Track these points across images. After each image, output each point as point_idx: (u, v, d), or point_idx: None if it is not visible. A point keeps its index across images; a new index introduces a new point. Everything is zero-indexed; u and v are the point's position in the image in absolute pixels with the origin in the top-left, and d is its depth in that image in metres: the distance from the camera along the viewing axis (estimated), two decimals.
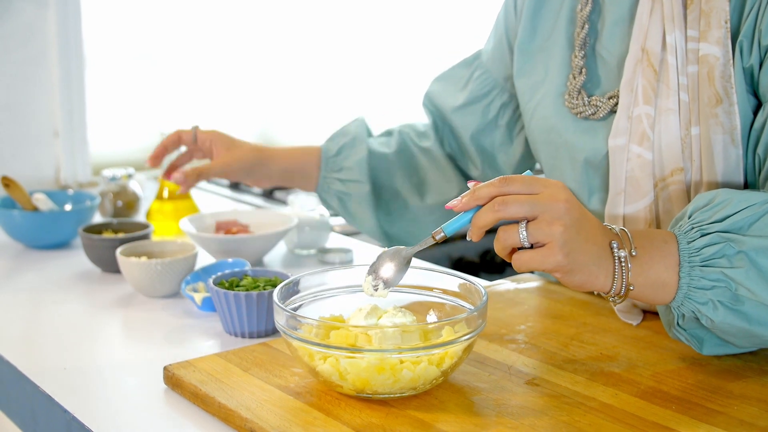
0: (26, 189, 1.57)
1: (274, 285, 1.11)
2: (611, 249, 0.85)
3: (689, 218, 0.89)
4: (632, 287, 0.86)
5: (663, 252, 0.87)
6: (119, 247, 1.29)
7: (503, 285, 1.22)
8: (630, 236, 0.86)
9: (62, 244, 1.54)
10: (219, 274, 1.13)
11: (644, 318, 1.08)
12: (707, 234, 0.86)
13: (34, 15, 1.92)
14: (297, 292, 0.97)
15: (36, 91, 1.95)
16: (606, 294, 0.87)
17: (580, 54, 1.12)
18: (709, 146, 0.98)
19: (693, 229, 0.87)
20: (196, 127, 1.40)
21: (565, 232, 0.81)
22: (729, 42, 0.97)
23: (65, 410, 0.91)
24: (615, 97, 1.08)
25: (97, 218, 1.69)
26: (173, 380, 0.93)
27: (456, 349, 0.86)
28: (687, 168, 1.00)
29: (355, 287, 1.00)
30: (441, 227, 0.86)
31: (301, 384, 0.90)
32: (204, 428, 0.86)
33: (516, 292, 1.19)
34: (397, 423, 0.82)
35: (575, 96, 1.12)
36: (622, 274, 0.85)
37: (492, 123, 1.32)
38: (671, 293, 0.87)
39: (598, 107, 1.09)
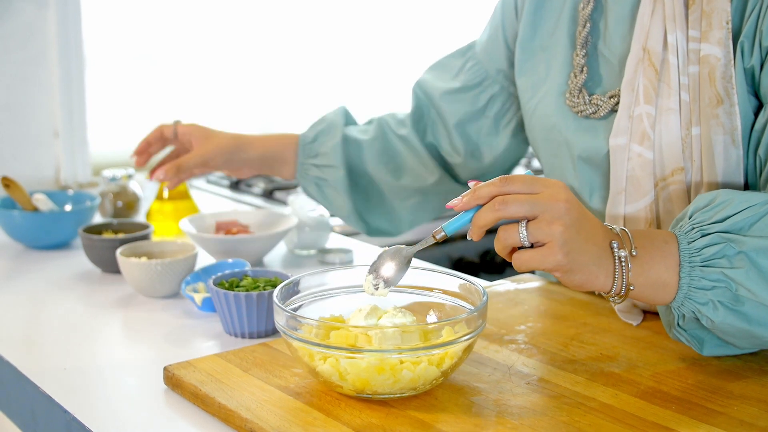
0: (26, 189, 1.56)
1: (274, 285, 1.11)
2: (611, 249, 0.86)
3: (690, 218, 0.89)
4: (632, 287, 0.86)
5: (663, 252, 0.87)
6: (119, 248, 1.29)
7: (503, 285, 1.22)
8: (630, 236, 0.86)
9: (62, 245, 1.54)
10: (219, 275, 1.13)
11: (644, 318, 1.08)
12: (708, 234, 0.86)
13: (34, 15, 1.92)
14: (297, 293, 0.97)
15: (36, 92, 1.95)
16: (606, 294, 0.87)
17: (582, 53, 1.12)
18: (710, 147, 0.98)
19: (693, 230, 0.87)
20: (177, 122, 1.41)
21: (565, 232, 0.81)
22: (730, 43, 0.97)
23: (65, 410, 0.91)
24: (616, 96, 1.08)
25: (97, 219, 1.69)
26: (173, 380, 0.93)
27: (456, 350, 0.86)
28: (687, 168, 1.00)
29: (355, 287, 1.00)
30: (441, 227, 0.86)
31: (301, 384, 0.90)
32: (204, 428, 0.86)
33: (516, 293, 1.19)
34: (397, 423, 0.82)
35: (576, 95, 1.12)
36: (623, 274, 0.85)
37: (479, 112, 1.32)
38: (671, 293, 0.87)
39: (599, 106, 1.09)
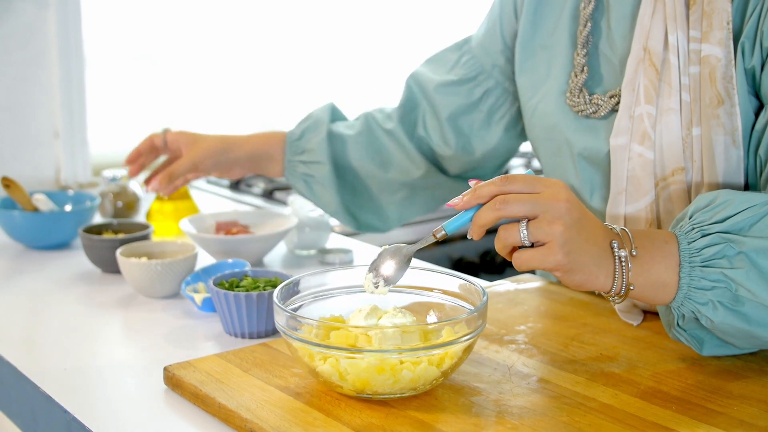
0: (26, 189, 1.57)
1: (274, 285, 1.11)
2: (612, 249, 0.86)
3: (690, 219, 0.89)
4: (632, 287, 0.86)
5: (663, 252, 0.87)
6: (119, 248, 1.29)
7: (503, 285, 1.22)
8: (631, 236, 0.86)
9: (62, 245, 1.54)
10: (219, 275, 1.13)
11: (644, 318, 1.07)
12: (708, 234, 0.86)
13: (34, 16, 1.92)
14: (297, 293, 0.97)
15: (36, 92, 1.95)
16: (606, 294, 0.87)
17: (583, 52, 1.12)
18: (711, 147, 0.98)
19: (694, 230, 0.87)
20: (166, 130, 1.42)
21: (566, 232, 0.81)
22: (731, 43, 0.96)
23: (65, 410, 0.91)
24: (616, 96, 1.08)
25: (98, 219, 1.69)
26: (173, 381, 0.93)
27: (456, 350, 0.86)
28: (688, 168, 1.00)
29: (356, 288, 1.00)
30: (442, 225, 0.86)
31: (301, 384, 0.90)
32: (204, 429, 0.86)
33: (516, 293, 1.19)
34: (397, 423, 0.82)
35: (577, 94, 1.12)
36: (623, 274, 0.85)
37: (473, 106, 1.32)
38: (671, 293, 0.87)
39: (600, 106, 1.09)
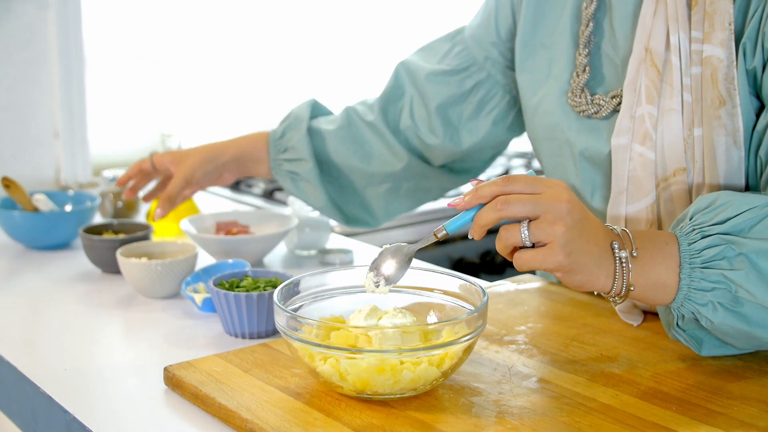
0: (26, 190, 1.57)
1: (275, 286, 1.11)
2: (612, 250, 0.86)
3: (690, 220, 0.89)
4: (633, 288, 0.86)
5: (664, 253, 0.87)
6: (119, 248, 1.30)
7: (503, 286, 1.22)
8: (631, 237, 0.87)
9: (62, 245, 1.54)
10: (219, 275, 1.13)
11: (644, 319, 1.07)
12: (708, 236, 0.86)
13: (35, 16, 1.92)
14: (297, 293, 0.97)
15: (36, 92, 1.95)
16: (606, 294, 0.87)
17: (584, 52, 1.12)
18: (712, 148, 0.98)
19: (694, 231, 0.87)
20: (152, 154, 1.44)
21: (567, 233, 0.81)
22: (733, 44, 0.96)
23: (65, 411, 0.91)
24: (618, 97, 1.08)
25: (98, 219, 1.69)
26: (173, 381, 0.93)
27: (456, 350, 0.86)
28: (689, 169, 1.00)
29: (356, 288, 1.00)
30: (443, 225, 0.86)
31: (302, 385, 0.90)
32: (204, 429, 0.86)
33: (516, 293, 1.19)
34: (398, 424, 0.82)
35: (578, 94, 1.12)
36: (623, 275, 0.85)
37: (463, 96, 1.32)
38: (671, 294, 0.87)
39: (601, 106, 1.09)
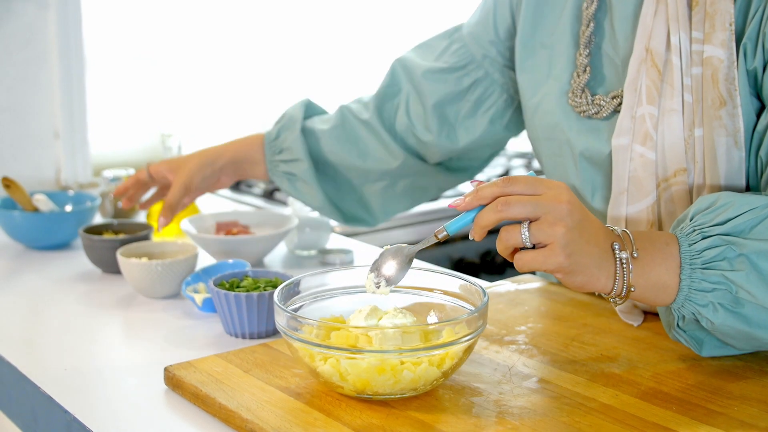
0: (27, 190, 1.57)
1: (275, 286, 1.11)
2: (613, 250, 0.86)
3: (691, 220, 0.89)
4: (633, 289, 0.86)
5: (664, 254, 0.87)
6: (120, 248, 1.30)
7: (504, 286, 1.22)
8: (632, 238, 0.87)
9: (63, 245, 1.54)
10: (219, 275, 1.13)
11: (645, 319, 1.07)
12: (709, 237, 0.86)
13: (35, 16, 1.92)
14: (297, 293, 0.97)
15: (36, 92, 1.95)
16: (607, 295, 0.87)
17: (585, 52, 1.12)
18: (713, 148, 0.97)
19: (694, 232, 0.87)
20: (149, 165, 1.44)
21: (567, 234, 0.82)
22: (733, 44, 0.96)
23: (66, 411, 0.91)
24: (618, 97, 1.07)
25: (98, 219, 1.69)
26: (174, 381, 0.93)
27: (456, 350, 0.86)
28: (690, 169, 1.00)
29: (356, 288, 1.00)
30: (444, 226, 0.86)
31: (302, 385, 0.90)
32: (204, 429, 0.86)
33: (516, 293, 1.19)
34: (398, 424, 0.82)
35: (579, 94, 1.11)
36: (624, 276, 0.85)
37: (460, 95, 1.31)
38: (672, 295, 0.87)
39: (602, 106, 1.09)
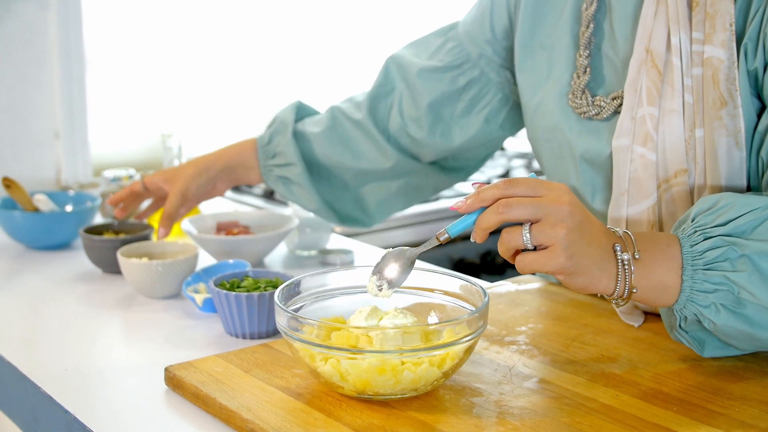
0: (27, 190, 1.57)
1: (275, 286, 1.11)
2: (614, 252, 0.86)
3: (692, 221, 0.89)
4: (635, 290, 0.86)
5: (666, 255, 0.87)
6: (120, 248, 1.30)
7: (504, 286, 1.22)
8: (633, 239, 0.87)
9: (63, 245, 1.54)
10: (220, 275, 1.13)
11: (645, 320, 1.07)
12: (710, 237, 0.86)
13: (35, 16, 1.92)
14: (298, 293, 0.97)
15: (37, 93, 1.95)
16: (609, 296, 0.87)
17: (585, 53, 1.12)
18: (713, 149, 0.97)
19: (696, 233, 0.87)
20: (143, 176, 1.44)
21: (569, 235, 0.82)
22: (734, 45, 0.96)
23: (66, 411, 0.91)
24: (619, 98, 1.07)
25: (98, 219, 1.69)
26: (174, 381, 0.93)
27: (457, 351, 0.86)
28: (691, 170, 1.00)
29: (356, 288, 1.00)
30: (445, 228, 0.86)
31: (302, 385, 0.90)
32: (205, 429, 0.86)
33: (517, 294, 1.19)
34: (398, 424, 0.82)
35: (579, 96, 1.11)
36: (626, 277, 0.85)
37: (456, 94, 1.31)
38: (674, 296, 0.87)
39: (602, 108, 1.09)
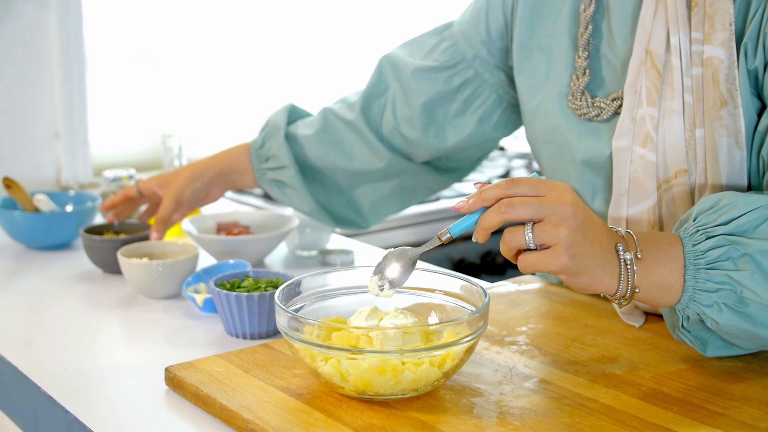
0: (27, 190, 1.57)
1: (276, 286, 1.11)
2: (617, 252, 0.85)
3: (694, 221, 0.89)
4: (638, 290, 0.86)
5: (668, 255, 0.87)
6: (120, 248, 1.30)
7: (504, 287, 1.22)
8: (635, 239, 0.86)
9: (63, 245, 1.54)
10: (220, 276, 1.13)
11: (646, 320, 1.07)
12: (712, 237, 0.86)
13: (36, 16, 1.92)
14: (298, 294, 0.97)
15: (37, 93, 1.95)
16: (611, 296, 0.87)
17: (584, 55, 1.12)
18: (714, 148, 0.97)
19: (698, 232, 0.87)
20: (138, 181, 1.44)
21: (571, 235, 0.81)
22: (734, 44, 0.96)
23: (66, 411, 0.91)
24: (619, 99, 1.07)
25: (99, 219, 1.69)
26: (174, 381, 0.93)
27: (457, 351, 0.86)
28: (691, 170, 1.00)
29: (357, 288, 1.00)
30: (447, 228, 0.86)
31: (303, 385, 0.90)
32: (205, 429, 0.86)
33: (517, 294, 1.19)
34: (399, 424, 0.82)
35: (579, 97, 1.11)
36: (628, 277, 0.85)
37: (450, 94, 1.31)
38: (676, 296, 0.87)
39: (602, 109, 1.09)
